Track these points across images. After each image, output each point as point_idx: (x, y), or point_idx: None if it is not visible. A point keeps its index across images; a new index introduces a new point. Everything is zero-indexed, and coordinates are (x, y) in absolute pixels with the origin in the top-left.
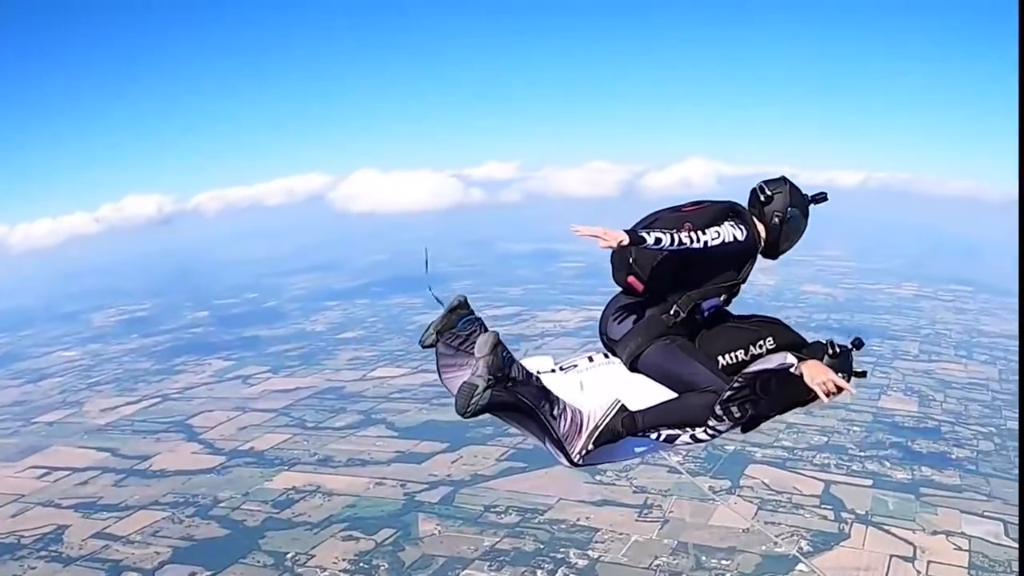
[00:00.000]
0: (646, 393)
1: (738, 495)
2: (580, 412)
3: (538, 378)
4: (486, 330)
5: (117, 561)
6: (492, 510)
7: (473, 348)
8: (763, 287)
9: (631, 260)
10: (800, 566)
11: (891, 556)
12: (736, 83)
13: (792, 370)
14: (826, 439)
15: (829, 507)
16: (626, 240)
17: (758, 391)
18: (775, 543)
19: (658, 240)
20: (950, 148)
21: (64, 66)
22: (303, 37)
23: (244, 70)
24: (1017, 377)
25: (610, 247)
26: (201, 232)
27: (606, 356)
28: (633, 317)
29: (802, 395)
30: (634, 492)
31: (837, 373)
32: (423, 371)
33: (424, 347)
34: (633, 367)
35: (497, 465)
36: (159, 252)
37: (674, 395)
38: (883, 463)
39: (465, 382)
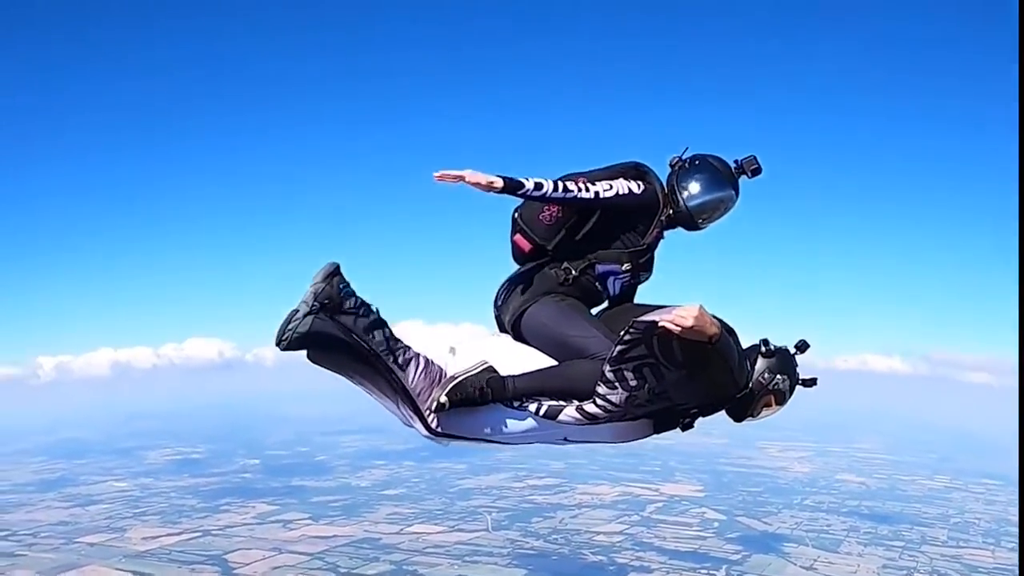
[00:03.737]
0: (524, 363)
1: None
2: (441, 369)
3: (387, 324)
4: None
5: None
6: None
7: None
8: (798, 473)
9: (516, 216)
10: None
11: None
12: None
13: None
14: None
15: None
16: (499, 184)
17: (658, 354)
18: None
19: (538, 186)
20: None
21: (144, 200)
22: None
23: (313, 231)
24: None
25: (479, 185)
26: (260, 382)
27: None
28: (520, 279)
29: (723, 375)
30: None
31: (776, 376)
32: (459, 530)
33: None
34: (517, 332)
35: None
36: (218, 397)
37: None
38: None
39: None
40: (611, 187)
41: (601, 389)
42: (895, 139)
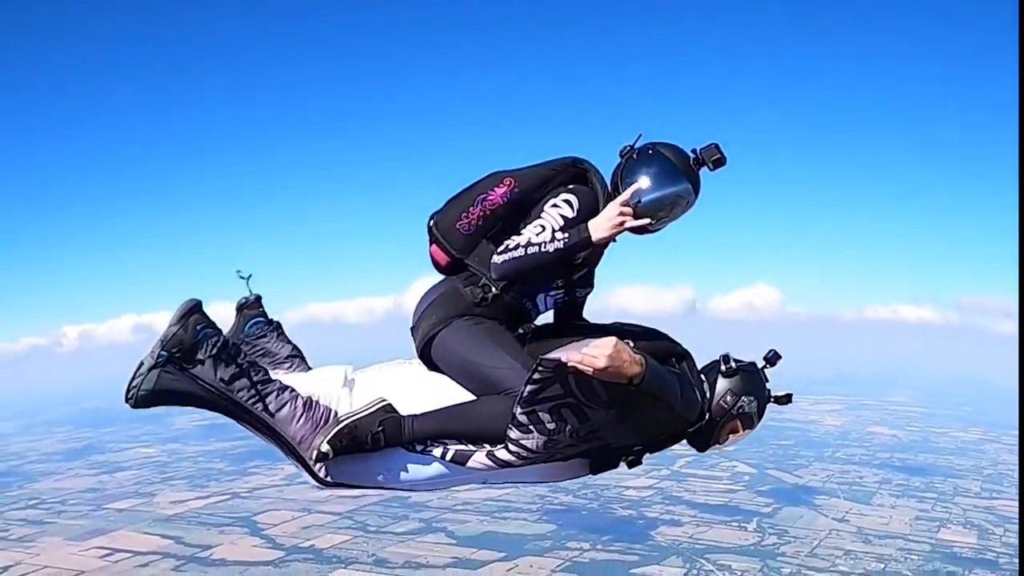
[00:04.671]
0: (434, 397)
1: None
2: (328, 409)
3: (259, 368)
4: (281, 335)
5: None
6: None
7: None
8: (829, 426)
9: (431, 224)
10: None
11: None
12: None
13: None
14: (883, 566)
15: None
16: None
17: (576, 393)
18: None
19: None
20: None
21: (165, 165)
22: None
23: (344, 197)
24: None
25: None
26: None
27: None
28: (433, 297)
29: (661, 412)
30: None
31: (740, 398)
32: (488, 486)
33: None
34: (428, 359)
35: None
36: None
37: (471, 398)
38: None
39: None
40: (542, 228)
41: (513, 434)
42: (926, 84)
